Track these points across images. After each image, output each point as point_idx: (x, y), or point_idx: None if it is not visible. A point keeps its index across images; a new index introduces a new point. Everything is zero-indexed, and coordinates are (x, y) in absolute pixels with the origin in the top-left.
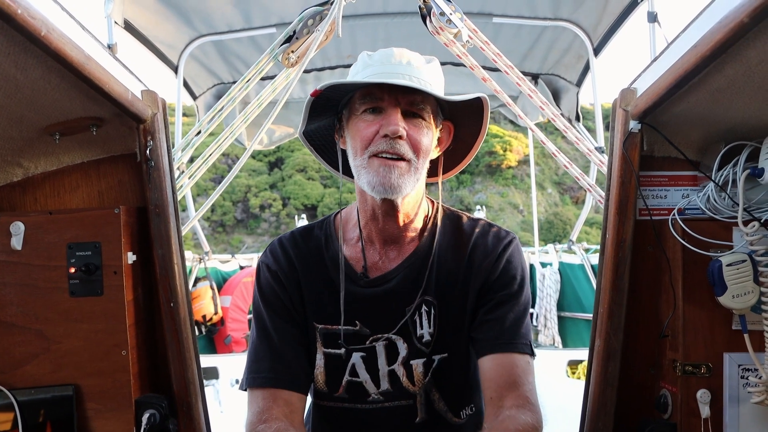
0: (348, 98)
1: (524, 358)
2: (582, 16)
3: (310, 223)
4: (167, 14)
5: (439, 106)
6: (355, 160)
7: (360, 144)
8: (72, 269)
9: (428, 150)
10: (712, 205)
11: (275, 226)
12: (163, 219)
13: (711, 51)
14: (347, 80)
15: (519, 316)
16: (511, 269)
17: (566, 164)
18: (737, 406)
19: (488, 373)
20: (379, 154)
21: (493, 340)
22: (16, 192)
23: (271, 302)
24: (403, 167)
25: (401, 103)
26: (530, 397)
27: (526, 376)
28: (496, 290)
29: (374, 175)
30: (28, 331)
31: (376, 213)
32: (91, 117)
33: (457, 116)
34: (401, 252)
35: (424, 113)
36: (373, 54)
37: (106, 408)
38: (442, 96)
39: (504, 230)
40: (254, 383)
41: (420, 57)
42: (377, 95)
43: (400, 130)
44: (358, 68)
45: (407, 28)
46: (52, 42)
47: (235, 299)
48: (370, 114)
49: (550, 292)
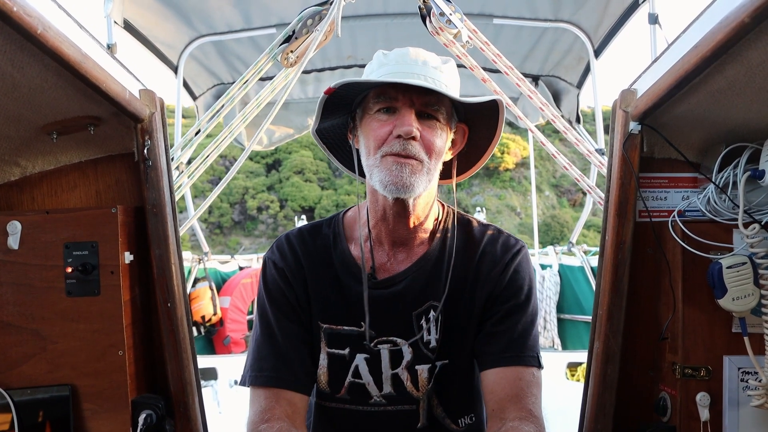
0: (362, 97)
1: (529, 371)
2: (583, 18)
3: (317, 220)
4: (167, 14)
5: (453, 108)
6: (367, 159)
7: (373, 143)
8: (69, 269)
9: (441, 152)
10: (712, 207)
11: (273, 228)
12: (161, 219)
13: (712, 51)
14: (362, 79)
15: (526, 327)
16: (518, 279)
17: (566, 165)
18: (737, 410)
19: (491, 386)
20: (392, 154)
21: (499, 354)
22: (13, 191)
23: (276, 299)
24: (416, 166)
25: (416, 103)
26: (533, 410)
27: (530, 389)
28: (503, 301)
29: (387, 174)
30: (24, 331)
31: (387, 214)
32: (88, 116)
33: (471, 118)
34: (410, 255)
35: (439, 114)
36: (388, 53)
37: (103, 408)
38: (457, 98)
39: (514, 238)
40: (257, 381)
41: (436, 57)
42: (392, 95)
43: (413, 131)
44: (373, 67)
45: (407, 28)
46: (48, 40)
47: (235, 300)
48: (384, 114)
49: (550, 294)
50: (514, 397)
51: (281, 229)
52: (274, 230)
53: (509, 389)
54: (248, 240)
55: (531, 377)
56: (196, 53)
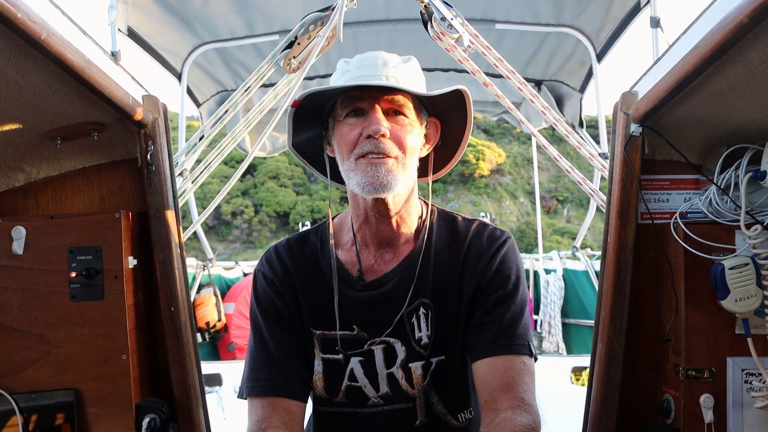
0: (330, 105)
1: (520, 359)
2: (585, 22)
3: (305, 230)
4: (171, 22)
5: (422, 104)
6: (342, 165)
7: (346, 148)
8: (73, 273)
9: (414, 147)
10: (714, 209)
11: (247, 233)
12: (164, 223)
13: (711, 52)
14: (323, 87)
15: (515, 316)
16: (505, 269)
17: (568, 169)
18: (741, 411)
19: (482, 377)
20: (365, 155)
21: (488, 344)
22: (18, 197)
23: (267, 310)
24: (391, 163)
25: (381, 102)
26: (525, 398)
27: (522, 377)
28: (491, 291)
29: (363, 176)
30: (28, 336)
31: (369, 215)
32: (92, 122)
33: (443, 113)
34: (396, 254)
35: (405, 110)
36: (350, 60)
37: (107, 412)
38: (418, 92)
39: (499, 230)
40: (253, 392)
41: (396, 57)
42: (357, 98)
43: (382, 129)
44: (337, 76)
45: (409, 34)
46: (52, 46)
47: (239, 306)
48: (352, 117)
49: (554, 298)
50: (506, 386)
51: (255, 235)
52: (248, 235)
53: (500, 378)
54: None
55: (522, 365)
56: (200, 60)
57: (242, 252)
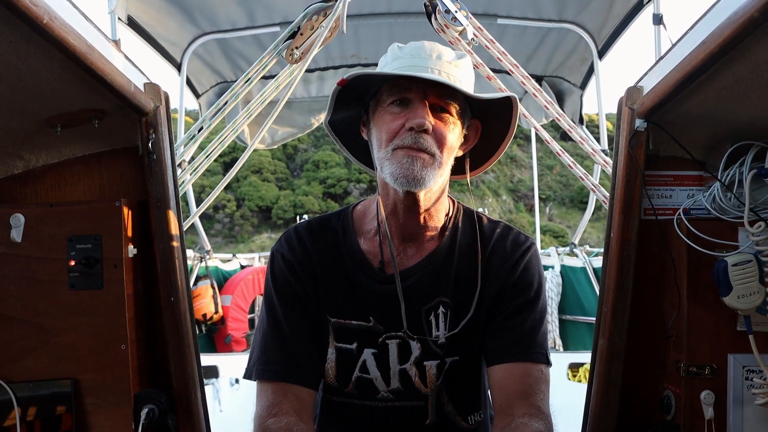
0: (375, 90)
1: (538, 368)
2: (587, 18)
3: (325, 214)
4: (171, 11)
5: (467, 104)
6: (378, 152)
7: (385, 136)
8: (72, 262)
9: (453, 146)
10: (717, 205)
11: (229, 228)
12: (165, 213)
13: (719, 47)
14: (375, 71)
15: (535, 324)
16: (528, 276)
17: (570, 164)
18: (741, 408)
19: (499, 382)
20: (403, 147)
21: (507, 350)
22: (17, 184)
23: (284, 292)
24: (427, 159)
25: (429, 97)
26: (542, 407)
27: (539, 386)
28: (513, 297)
29: (397, 167)
30: (27, 325)
31: (398, 207)
32: (92, 109)
33: (485, 114)
34: (420, 250)
35: (452, 108)
36: (403, 46)
37: (105, 402)
38: (471, 93)
39: (523, 235)
40: (264, 376)
41: (451, 52)
42: (405, 88)
43: (426, 124)
44: (388, 60)
45: (412, 28)
46: (54, 30)
47: (236, 298)
48: (396, 106)
49: (552, 295)
50: (522, 394)
51: (237, 229)
52: (230, 230)
53: (517, 385)
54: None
55: (539, 374)
56: (200, 51)
57: (223, 246)
